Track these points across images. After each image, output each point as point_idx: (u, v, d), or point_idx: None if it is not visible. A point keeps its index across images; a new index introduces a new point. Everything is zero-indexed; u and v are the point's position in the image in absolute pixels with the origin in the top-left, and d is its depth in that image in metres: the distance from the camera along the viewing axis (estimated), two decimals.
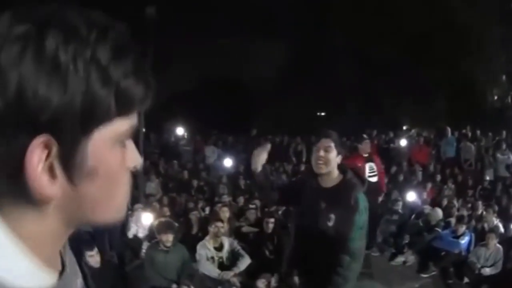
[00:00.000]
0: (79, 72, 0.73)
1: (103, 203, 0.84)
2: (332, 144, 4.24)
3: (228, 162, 16.75)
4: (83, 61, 0.73)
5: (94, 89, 0.74)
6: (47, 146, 0.74)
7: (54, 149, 0.74)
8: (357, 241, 4.15)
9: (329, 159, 4.22)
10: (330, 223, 4.12)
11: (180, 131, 21.25)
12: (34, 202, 0.77)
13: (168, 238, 7.74)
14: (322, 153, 4.23)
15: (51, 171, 0.76)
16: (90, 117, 0.75)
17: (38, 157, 0.73)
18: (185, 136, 20.88)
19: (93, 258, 7.32)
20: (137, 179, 13.12)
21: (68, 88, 0.72)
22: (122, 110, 0.79)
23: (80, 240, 7.47)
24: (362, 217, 4.16)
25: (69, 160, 0.76)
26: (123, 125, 0.81)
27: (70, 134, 0.75)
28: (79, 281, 1.00)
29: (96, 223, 0.88)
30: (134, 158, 0.89)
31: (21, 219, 0.79)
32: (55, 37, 0.72)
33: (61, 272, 0.89)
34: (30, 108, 0.71)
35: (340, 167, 4.37)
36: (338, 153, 4.28)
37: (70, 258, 0.97)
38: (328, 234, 4.13)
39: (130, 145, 0.88)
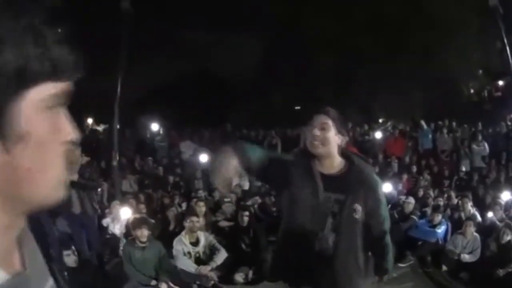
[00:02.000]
0: (15, 37, 0.78)
1: (36, 175, 0.83)
2: (330, 122, 3.60)
3: (204, 157, 16.68)
4: (20, 28, 0.78)
5: (28, 53, 0.78)
6: None
7: None
8: (387, 220, 3.80)
9: (326, 138, 3.58)
10: (357, 215, 3.56)
11: (155, 126, 21.09)
12: None
13: (143, 233, 7.67)
14: (317, 131, 3.58)
15: None
16: (23, 79, 0.78)
17: None
18: (161, 132, 20.73)
19: (70, 257, 7.25)
20: (113, 176, 13.03)
21: (4, 53, 0.76)
22: (54, 74, 0.83)
23: (56, 241, 7.41)
24: (384, 198, 3.82)
25: (1, 122, 0.77)
26: (53, 88, 0.83)
27: (1, 94, 0.77)
28: (49, 284, 0.97)
29: (34, 202, 0.86)
30: (68, 130, 0.89)
31: None
32: None
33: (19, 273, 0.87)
34: None
35: (343, 152, 3.73)
36: (338, 133, 3.64)
37: (36, 261, 0.95)
38: (358, 229, 3.62)
39: (64, 115, 0.89)
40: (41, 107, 0.82)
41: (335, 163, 3.67)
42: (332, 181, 3.61)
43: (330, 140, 3.58)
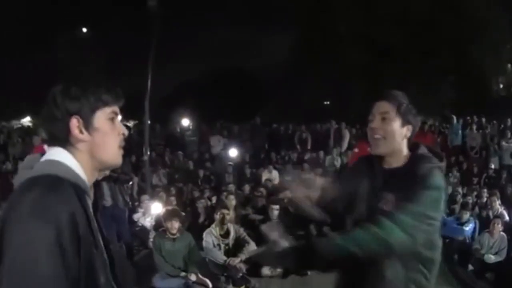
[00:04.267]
0: (85, 96, 1.81)
1: (103, 147, 1.84)
2: (393, 111, 2.83)
3: (233, 152, 16.81)
4: (86, 92, 1.82)
5: (92, 101, 1.82)
6: (77, 120, 1.78)
7: (80, 121, 1.79)
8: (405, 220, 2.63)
9: (388, 131, 2.81)
10: (387, 207, 2.74)
11: (185, 121, 21.28)
12: (77, 145, 1.80)
13: (174, 225, 7.80)
14: (377, 123, 2.85)
15: (81, 130, 1.79)
16: (93, 109, 1.82)
17: (74, 125, 1.78)
18: (191, 127, 20.90)
19: None
20: (144, 170, 13.23)
21: (83, 103, 1.81)
22: (104, 105, 1.84)
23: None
24: (428, 195, 2.67)
25: (87, 125, 1.81)
26: (106, 110, 1.84)
27: (87, 114, 1.81)
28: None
29: (104, 162, 1.87)
30: (120, 129, 1.88)
31: (75, 154, 1.79)
32: (75, 87, 1.81)
33: None
34: (70, 108, 1.79)
35: (413, 144, 2.94)
36: (404, 124, 2.85)
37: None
38: None
39: (118, 122, 1.88)
40: (104, 117, 1.84)
41: (401, 158, 2.90)
42: (392, 174, 2.87)
43: (393, 133, 2.83)
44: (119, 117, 1.92)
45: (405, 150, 2.90)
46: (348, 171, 3.59)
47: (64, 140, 1.80)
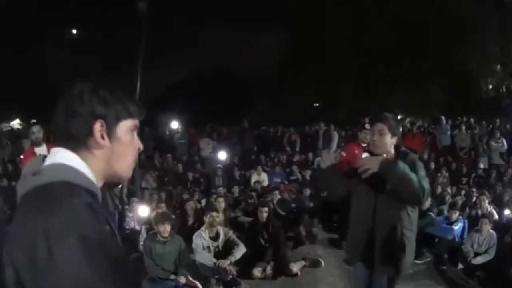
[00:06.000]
0: (113, 102, 1.71)
1: (120, 158, 1.73)
2: (386, 128, 4.56)
3: (222, 154, 16.82)
4: (115, 99, 1.72)
5: (120, 109, 1.72)
6: (102, 125, 1.66)
7: (104, 126, 1.66)
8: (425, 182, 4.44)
9: (383, 142, 4.58)
10: (388, 186, 4.45)
11: (174, 124, 21.28)
12: (93, 150, 1.67)
13: (166, 229, 7.80)
14: (376, 137, 4.60)
15: (102, 136, 1.66)
16: (118, 117, 1.71)
17: (97, 129, 1.65)
18: (180, 129, 20.90)
19: None
20: (133, 173, 13.18)
21: (110, 109, 1.69)
22: (130, 116, 1.74)
23: None
24: (421, 170, 4.56)
25: (110, 132, 1.68)
26: (129, 122, 1.74)
27: (111, 121, 1.69)
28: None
29: (117, 173, 1.76)
30: (137, 143, 1.80)
31: (87, 159, 1.66)
32: (104, 90, 1.71)
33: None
34: (97, 111, 1.66)
35: (395, 146, 4.73)
36: (393, 135, 4.63)
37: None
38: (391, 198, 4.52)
39: (136, 135, 1.79)
40: (125, 129, 1.73)
41: (389, 156, 4.60)
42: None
43: (386, 143, 4.59)
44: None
45: (391, 151, 4.67)
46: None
47: (81, 141, 1.67)
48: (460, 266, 9.52)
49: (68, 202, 1.49)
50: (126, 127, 1.74)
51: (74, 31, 31.59)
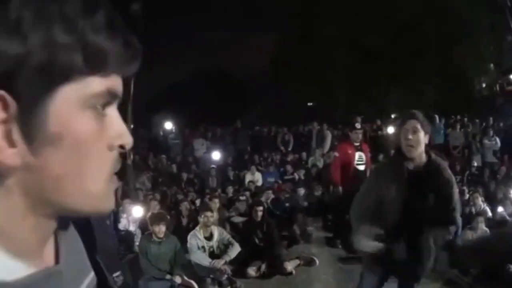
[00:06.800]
0: (41, 24, 0.67)
1: (70, 180, 0.74)
2: (419, 125, 4.09)
3: (216, 155, 16.83)
4: (47, 15, 0.68)
5: (56, 39, 0.68)
6: (4, 106, 0.67)
7: (12, 109, 0.67)
8: (458, 213, 4.22)
9: (418, 141, 4.08)
10: (431, 202, 4.12)
11: (168, 125, 21.29)
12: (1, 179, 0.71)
13: (161, 229, 7.81)
14: (411, 135, 4.07)
15: (9, 136, 0.68)
16: (52, 71, 0.69)
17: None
18: (174, 130, 20.92)
19: None
20: (127, 173, 13.18)
21: (28, 40, 0.66)
22: (93, 67, 0.72)
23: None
24: (457, 191, 4.27)
25: (28, 122, 0.69)
26: (95, 85, 0.73)
27: (29, 90, 0.68)
28: (89, 277, 0.93)
29: (68, 210, 0.78)
30: (118, 133, 0.80)
31: None
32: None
33: (48, 268, 0.81)
34: None
35: (426, 151, 4.23)
36: (426, 133, 4.14)
37: (73, 255, 0.90)
38: (431, 214, 4.15)
39: (114, 116, 0.80)
40: (79, 107, 0.72)
41: (422, 159, 4.16)
42: (417, 174, 4.14)
43: (421, 142, 4.08)
44: None
45: (424, 152, 4.15)
46: (376, 173, 4.73)
47: None
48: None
49: None
50: (81, 99, 0.73)
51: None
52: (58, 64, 0.68)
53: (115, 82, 0.77)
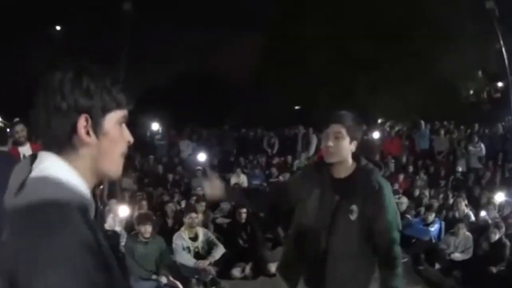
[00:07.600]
0: (97, 89, 1.49)
1: (108, 155, 1.55)
2: (344, 130, 3.56)
3: (202, 156, 16.85)
4: (100, 85, 1.50)
5: (104, 97, 1.51)
6: (86, 119, 1.46)
7: (89, 121, 1.47)
8: (395, 229, 3.57)
9: (339, 148, 3.56)
10: (353, 217, 3.53)
11: (155, 126, 21.28)
12: (79, 149, 1.49)
13: (147, 230, 7.83)
14: (331, 142, 3.56)
15: (88, 132, 1.47)
16: (104, 108, 1.51)
17: (82, 125, 1.46)
18: (160, 131, 20.93)
19: None
20: None
21: (93, 98, 1.48)
22: (118, 107, 1.55)
23: None
24: (391, 203, 3.63)
25: (96, 127, 1.49)
26: (117, 113, 1.56)
27: (96, 114, 1.49)
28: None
29: (106, 172, 1.58)
30: (128, 136, 1.62)
31: (74, 161, 1.49)
32: (88, 78, 1.48)
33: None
34: (80, 104, 1.46)
35: (354, 155, 3.69)
36: (352, 140, 3.61)
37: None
38: (352, 230, 3.55)
39: (125, 127, 1.62)
40: (113, 122, 1.54)
41: (347, 167, 3.67)
42: (341, 183, 3.64)
43: (343, 149, 3.57)
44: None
45: (349, 160, 3.66)
46: (299, 177, 4.15)
47: (65, 140, 1.46)
48: (437, 266, 9.67)
49: (60, 234, 1.28)
50: (114, 120, 1.52)
51: (58, 28, 31.43)
52: (107, 106, 1.52)
53: (126, 112, 1.60)
